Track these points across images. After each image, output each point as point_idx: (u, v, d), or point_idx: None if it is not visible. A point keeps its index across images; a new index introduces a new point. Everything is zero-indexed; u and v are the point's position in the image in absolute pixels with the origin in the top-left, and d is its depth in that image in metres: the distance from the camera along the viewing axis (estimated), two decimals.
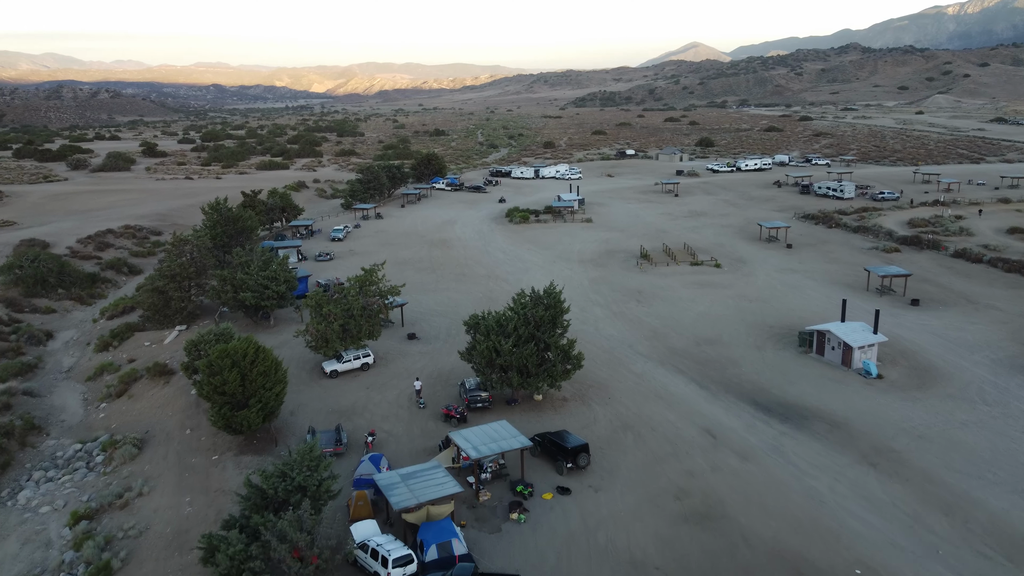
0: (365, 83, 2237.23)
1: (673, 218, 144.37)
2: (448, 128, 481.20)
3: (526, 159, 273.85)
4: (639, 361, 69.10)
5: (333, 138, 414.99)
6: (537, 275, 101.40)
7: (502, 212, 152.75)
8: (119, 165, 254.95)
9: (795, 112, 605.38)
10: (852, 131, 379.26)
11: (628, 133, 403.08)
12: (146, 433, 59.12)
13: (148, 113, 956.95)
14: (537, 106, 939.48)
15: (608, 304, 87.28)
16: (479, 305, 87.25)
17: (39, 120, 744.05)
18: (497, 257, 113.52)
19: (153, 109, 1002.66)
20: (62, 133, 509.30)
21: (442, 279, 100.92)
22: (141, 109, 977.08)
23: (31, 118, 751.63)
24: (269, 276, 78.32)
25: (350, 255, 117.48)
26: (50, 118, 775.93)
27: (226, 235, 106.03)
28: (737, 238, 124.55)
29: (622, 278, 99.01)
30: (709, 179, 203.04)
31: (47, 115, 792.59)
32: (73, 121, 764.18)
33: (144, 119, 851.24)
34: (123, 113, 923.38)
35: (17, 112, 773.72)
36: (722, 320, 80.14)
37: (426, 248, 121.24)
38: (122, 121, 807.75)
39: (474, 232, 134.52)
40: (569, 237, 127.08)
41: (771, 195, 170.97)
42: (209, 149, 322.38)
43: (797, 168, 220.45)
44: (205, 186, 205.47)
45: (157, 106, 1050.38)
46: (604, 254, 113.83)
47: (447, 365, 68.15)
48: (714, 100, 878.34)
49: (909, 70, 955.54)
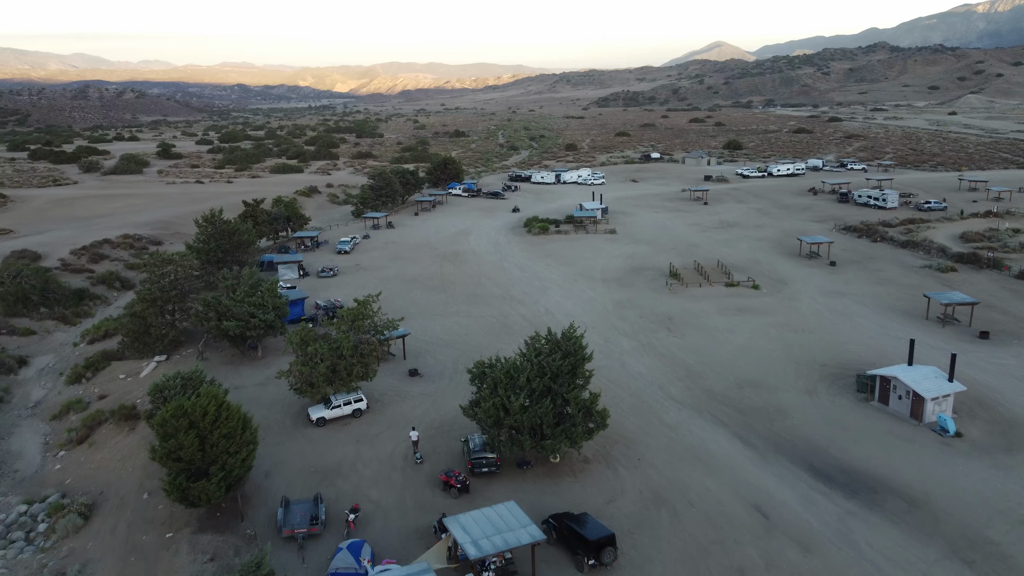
0: (388, 83, 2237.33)
1: (703, 229, 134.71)
2: (469, 129, 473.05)
3: (547, 162, 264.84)
4: (672, 408, 59.96)
5: (351, 139, 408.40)
6: (556, 296, 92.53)
7: (520, 222, 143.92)
8: (131, 168, 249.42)
9: (823, 113, 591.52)
10: (885, 133, 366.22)
11: (652, 135, 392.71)
12: (100, 494, 51.00)
13: (172, 113, 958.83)
14: (560, 106, 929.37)
15: (635, 333, 78.14)
16: (491, 333, 78.63)
17: (64, 120, 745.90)
18: (513, 275, 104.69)
19: (177, 109, 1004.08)
20: (83, 133, 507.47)
21: (452, 300, 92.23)
22: (165, 109, 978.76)
23: (56, 118, 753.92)
24: (256, 303, 70.06)
25: (356, 271, 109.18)
26: (75, 118, 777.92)
27: (221, 250, 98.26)
28: (774, 253, 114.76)
29: (650, 301, 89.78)
30: (739, 185, 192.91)
31: (72, 115, 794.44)
32: (97, 121, 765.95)
33: (167, 119, 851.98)
34: (147, 113, 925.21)
35: (43, 112, 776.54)
36: (765, 356, 70.70)
37: (437, 263, 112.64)
38: (145, 121, 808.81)
39: (490, 244, 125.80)
40: (591, 251, 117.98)
41: (807, 203, 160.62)
42: (225, 151, 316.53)
43: (832, 174, 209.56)
44: (215, 191, 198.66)
45: (181, 106, 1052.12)
46: (630, 272, 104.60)
47: (451, 410, 59.40)
48: (739, 100, 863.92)
49: (939, 69, 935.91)
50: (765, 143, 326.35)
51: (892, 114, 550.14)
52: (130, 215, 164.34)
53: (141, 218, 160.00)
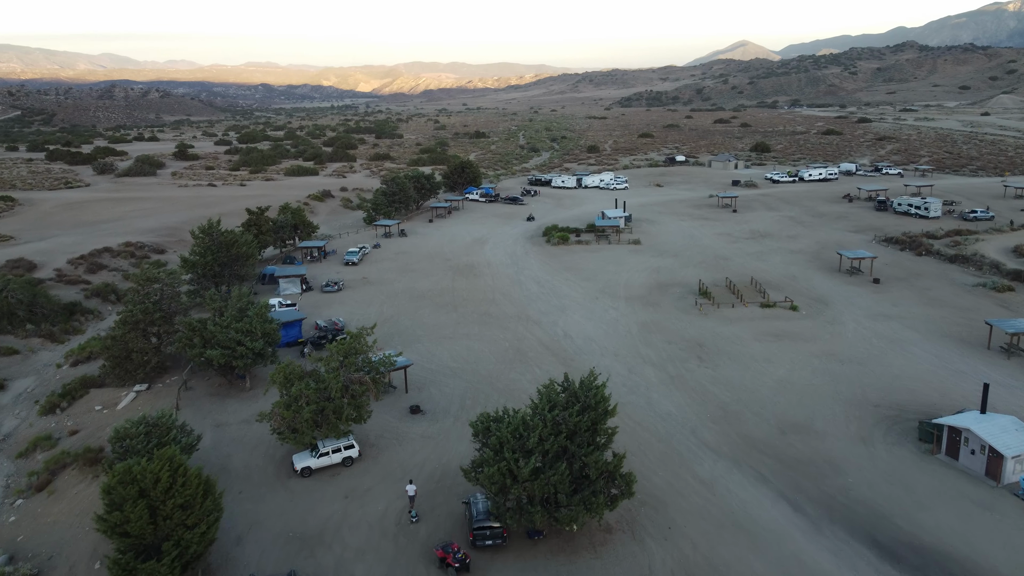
0: (411, 82, 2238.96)
1: (733, 240, 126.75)
2: (490, 129, 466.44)
3: (568, 165, 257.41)
4: (706, 459, 52.54)
5: (371, 140, 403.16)
6: (576, 317, 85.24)
7: (538, 230, 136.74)
8: (145, 170, 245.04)
9: (851, 113, 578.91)
10: (917, 135, 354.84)
11: (676, 136, 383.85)
12: (49, 560, 44.53)
13: (195, 112, 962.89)
14: (582, 106, 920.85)
15: (663, 362, 70.71)
16: (504, 360, 71.56)
17: (88, 120, 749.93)
18: (530, 290, 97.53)
19: (200, 109, 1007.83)
20: (105, 133, 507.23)
21: (463, 320, 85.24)
22: (189, 109, 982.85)
23: (81, 118, 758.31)
24: (243, 329, 63.44)
25: (362, 285, 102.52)
26: (99, 118, 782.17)
27: (218, 263, 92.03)
28: (811, 268, 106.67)
29: (678, 323, 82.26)
30: (769, 190, 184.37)
31: (96, 115, 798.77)
32: (121, 121, 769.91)
33: (190, 118, 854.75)
34: (171, 113, 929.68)
35: (68, 112, 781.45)
36: (810, 393, 62.99)
37: (449, 276, 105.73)
38: (168, 121, 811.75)
39: (506, 255, 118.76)
40: (614, 264, 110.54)
41: (842, 211, 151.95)
42: (242, 152, 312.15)
43: (867, 179, 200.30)
44: (227, 194, 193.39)
45: (205, 105, 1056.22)
46: (655, 288, 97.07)
47: (455, 457, 52.46)
48: (764, 100, 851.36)
49: (970, 69, 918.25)
50: (793, 145, 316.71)
51: (923, 115, 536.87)
52: (138, 220, 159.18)
53: (148, 223, 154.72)
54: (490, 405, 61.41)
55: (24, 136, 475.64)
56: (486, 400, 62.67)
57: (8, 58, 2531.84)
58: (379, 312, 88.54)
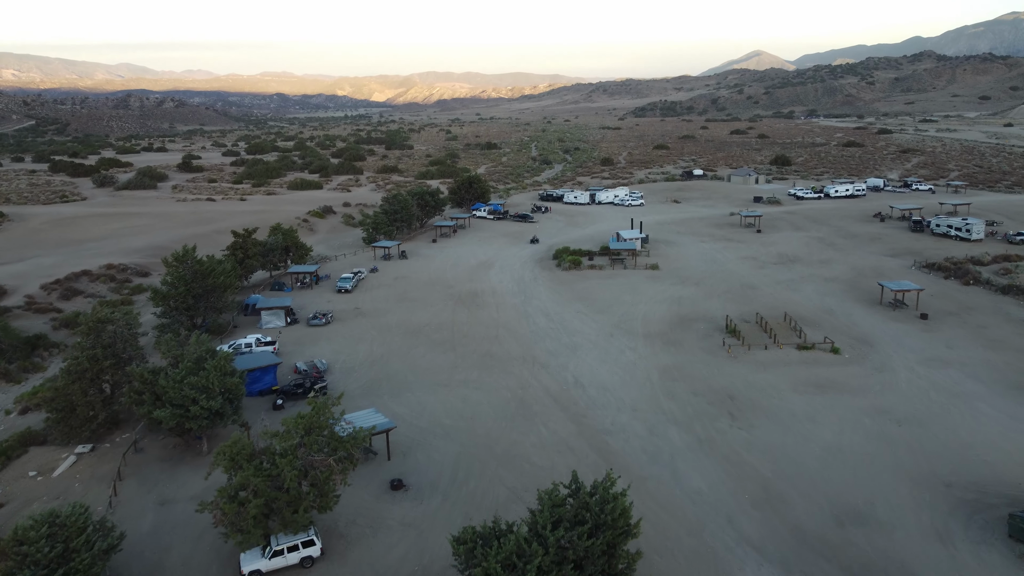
0: (424, 92, 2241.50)
1: (760, 265, 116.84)
2: (502, 140, 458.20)
3: (581, 178, 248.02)
4: (749, 561, 42.75)
5: (380, 151, 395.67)
6: (588, 359, 75.62)
7: (549, 252, 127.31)
8: (145, 183, 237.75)
9: (870, 124, 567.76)
10: (942, 147, 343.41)
11: (692, 147, 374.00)
12: None
13: (209, 122, 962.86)
14: (596, 116, 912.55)
15: (689, 421, 60.99)
16: (504, 415, 62.09)
17: (102, 129, 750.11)
18: (538, 325, 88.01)
19: (214, 118, 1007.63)
20: (116, 143, 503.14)
21: (462, 362, 75.82)
22: (203, 118, 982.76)
23: (94, 127, 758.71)
24: (198, 384, 54.22)
25: (354, 316, 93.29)
26: (112, 127, 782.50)
27: (192, 295, 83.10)
28: (849, 299, 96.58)
29: (705, 368, 72.50)
30: (793, 208, 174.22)
31: (109, 124, 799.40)
32: (134, 130, 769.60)
33: (204, 128, 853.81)
34: (185, 122, 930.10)
35: (82, 121, 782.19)
36: (866, 465, 53.07)
37: (450, 307, 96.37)
38: (182, 130, 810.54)
39: (513, 281, 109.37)
40: (630, 293, 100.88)
41: (875, 232, 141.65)
42: (247, 164, 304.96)
43: (897, 196, 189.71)
44: (225, 210, 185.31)
45: (219, 115, 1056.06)
46: (677, 323, 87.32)
47: (442, 555, 42.96)
48: (780, 110, 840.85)
49: (990, 79, 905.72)
50: (814, 158, 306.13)
51: (943, 125, 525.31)
52: (127, 239, 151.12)
53: (137, 243, 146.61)
54: (486, 477, 52.02)
55: (35, 146, 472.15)
56: (482, 470, 53.18)
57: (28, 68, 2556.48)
58: (368, 352, 79.29)
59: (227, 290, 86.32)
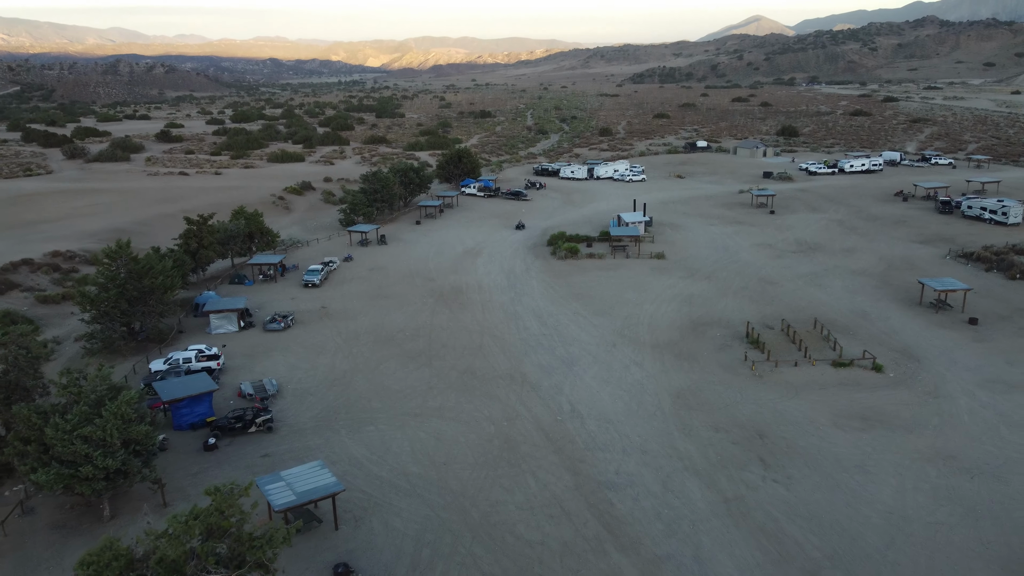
0: (420, 57, 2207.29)
1: (777, 254, 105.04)
2: (497, 108, 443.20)
3: (578, 150, 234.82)
4: None
5: (370, 119, 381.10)
6: (587, 378, 64.11)
7: (543, 237, 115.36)
8: (117, 155, 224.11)
9: (873, 91, 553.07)
10: (953, 116, 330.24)
11: (693, 116, 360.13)
12: None
13: (200, 88, 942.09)
14: (593, 82, 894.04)
15: (711, 470, 49.63)
16: (485, 460, 50.71)
17: (88, 96, 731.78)
18: (529, 330, 76.41)
19: (205, 84, 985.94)
20: (100, 111, 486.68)
21: (438, 382, 64.24)
22: (193, 84, 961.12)
23: (81, 93, 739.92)
24: (93, 437, 42.64)
25: (319, 319, 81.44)
26: (99, 94, 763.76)
27: (126, 299, 71.29)
28: (883, 298, 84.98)
29: (725, 392, 61.02)
30: (806, 184, 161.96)
31: (97, 91, 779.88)
32: (122, 97, 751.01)
33: (194, 94, 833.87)
34: (175, 88, 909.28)
35: (68, 87, 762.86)
36: (943, 545, 41.72)
37: (429, 307, 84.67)
38: (171, 97, 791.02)
39: (502, 273, 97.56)
40: (634, 289, 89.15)
41: (898, 214, 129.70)
42: (229, 133, 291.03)
43: (916, 171, 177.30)
44: (197, 185, 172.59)
45: (211, 81, 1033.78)
46: (689, 329, 75.77)
47: None
48: (781, 77, 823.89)
49: (995, 45, 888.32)
50: (821, 128, 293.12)
51: (949, 93, 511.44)
52: (85, 220, 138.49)
53: (95, 224, 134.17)
54: (457, 559, 40.82)
55: (17, 113, 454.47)
56: (453, 547, 41.88)
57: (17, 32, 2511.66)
58: (329, 367, 67.67)
59: (168, 292, 74.47)
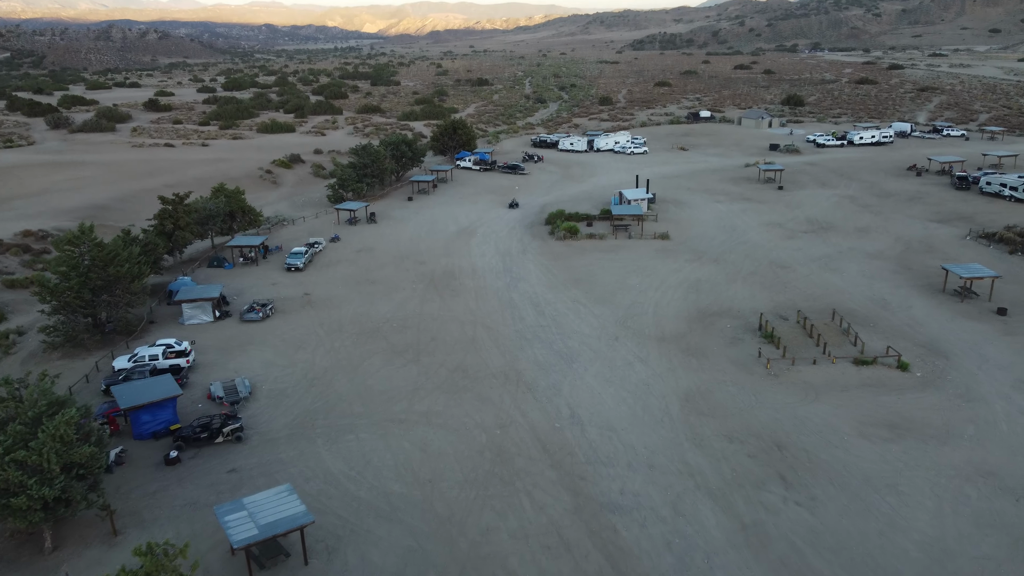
0: (417, 23, 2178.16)
1: (788, 234, 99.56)
2: (494, 75, 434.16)
3: (577, 120, 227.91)
4: None
5: (365, 87, 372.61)
6: (587, 377, 58.97)
7: (540, 215, 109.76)
8: (102, 126, 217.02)
9: (878, 59, 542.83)
10: (961, 85, 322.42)
11: (695, 84, 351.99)
12: None
13: (194, 55, 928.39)
14: (593, 49, 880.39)
15: (726, 489, 44.67)
16: (476, 478, 45.54)
17: (80, 62, 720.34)
18: (525, 320, 71.21)
19: (199, 51, 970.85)
20: (91, 78, 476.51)
21: (426, 381, 59.13)
22: (187, 51, 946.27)
23: (72, 60, 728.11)
24: (28, 462, 37.53)
25: (300, 308, 76.09)
26: (91, 60, 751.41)
27: (90, 289, 65.88)
28: (903, 284, 79.73)
29: (739, 394, 55.96)
30: (814, 157, 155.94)
31: (88, 57, 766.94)
32: (114, 63, 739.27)
33: (187, 61, 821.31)
34: (168, 55, 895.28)
35: (60, 54, 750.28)
36: None
37: (419, 293, 79.37)
38: (164, 63, 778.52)
39: (497, 255, 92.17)
40: (638, 274, 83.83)
41: (912, 190, 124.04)
42: (220, 102, 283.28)
43: (928, 143, 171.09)
44: (182, 158, 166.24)
45: (204, 47, 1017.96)
46: (697, 320, 70.58)
47: None
48: (783, 43, 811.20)
49: (1001, 11, 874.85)
50: (827, 97, 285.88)
51: (955, 60, 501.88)
52: (63, 196, 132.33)
53: (73, 200, 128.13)
54: None
55: (3, 80, 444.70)
56: None
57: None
58: (308, 363, 62.48)
59: (136, 280, 69.04)
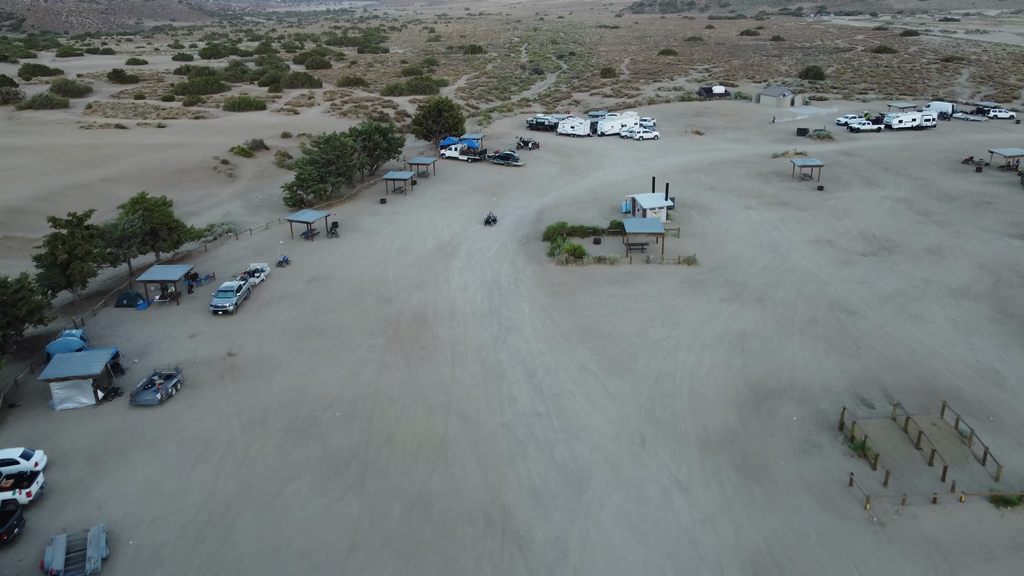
0: None
1: (844, 259, 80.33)
2: (489, 41, 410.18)
3: (578, 95, 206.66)
4: None
5: (351, 55, 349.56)
6: (606, 519, 40.27)
7: (536, 228, 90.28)
8: (54, 101, 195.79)
9: (888, 23, 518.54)
10: (986, 54, 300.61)
11: (702, 52, 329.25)
12: None
13: (181, 17, 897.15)
14: (591, 11, 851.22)
15: None
16: None
17: (61, 25, 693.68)
18: (517, 404, 52.41)
19: (187, 13, 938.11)
20: (64, 43, 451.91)
21: (369, 528, 40.51)
22: (174, 13, 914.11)
23: (53, 23, 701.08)
24: None
25: (218, 378, 57.08)
26: (72, 23, 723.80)
27: None
28: (1012, 342, 60.55)
29: (830, 561, 37.52)
30: (850, 146, 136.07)
31: (69, 20, 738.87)
32: (96, 27, 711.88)
33: (174, 24, 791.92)
34: (154, 17, 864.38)
35: (39, 16, 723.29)
36: None
37: (379, 351, 60.39)
38: (148, 27, 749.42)
39: (484, 287, 73.10)
40: (662, 323, 64.82)
41: (977, 191, 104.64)
42: (191, 73, 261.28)
43: (974, 127, 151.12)
44: (133, 142, 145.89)
45: (193, 10, 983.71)
46: (748, 402, 51.86)
47: None
48: (787, 7, 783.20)
49: None
50: (846, 68, 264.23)
51: (968, 25, 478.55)
52: None
53: None
54: None
55: None
56: None
57: None
58: (208, 490, 43.73)
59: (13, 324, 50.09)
